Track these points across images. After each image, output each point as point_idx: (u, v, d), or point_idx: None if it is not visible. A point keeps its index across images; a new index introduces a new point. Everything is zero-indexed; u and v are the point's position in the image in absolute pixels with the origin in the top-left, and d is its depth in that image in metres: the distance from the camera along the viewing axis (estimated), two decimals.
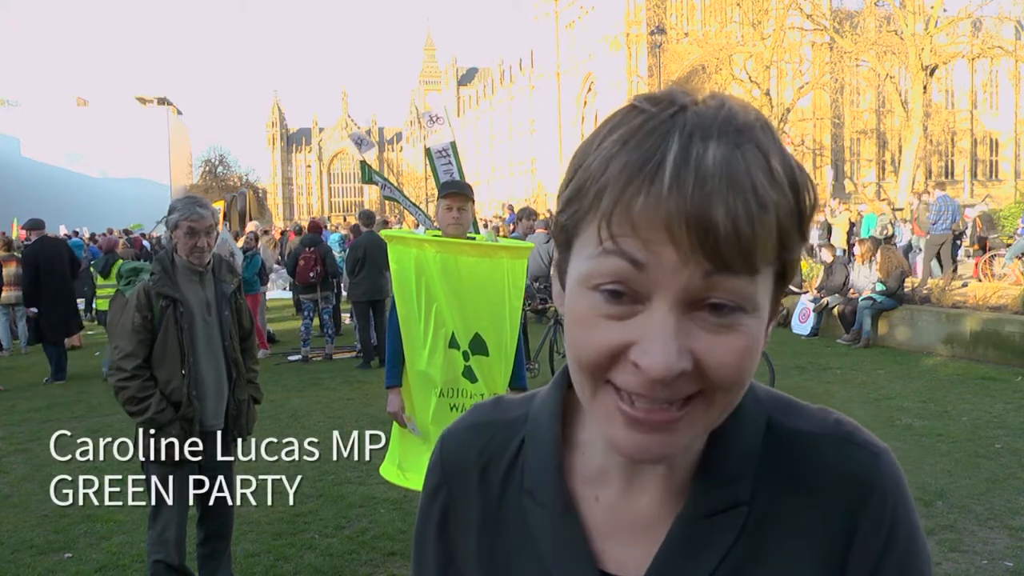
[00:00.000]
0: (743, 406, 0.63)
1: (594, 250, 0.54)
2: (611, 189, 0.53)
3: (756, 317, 0.55)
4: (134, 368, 3.04)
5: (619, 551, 0.64)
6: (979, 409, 6.61)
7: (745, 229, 0.51)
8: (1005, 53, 29.45)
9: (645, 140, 0.53)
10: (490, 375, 3.47)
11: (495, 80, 76.48)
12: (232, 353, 3.29)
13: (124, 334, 3.08)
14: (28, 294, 9.40)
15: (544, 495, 0.67)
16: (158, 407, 3.04)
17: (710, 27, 41.94)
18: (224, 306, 3.27)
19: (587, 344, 0.55)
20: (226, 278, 3.32)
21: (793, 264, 0.57)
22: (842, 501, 0.62)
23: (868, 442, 0.65)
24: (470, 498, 0.71)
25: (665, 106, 0.54)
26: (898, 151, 41.27)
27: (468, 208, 3.58)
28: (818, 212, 5.93)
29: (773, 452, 0.64)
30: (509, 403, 0.74)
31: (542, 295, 8.83)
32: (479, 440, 0.72)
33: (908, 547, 0.63)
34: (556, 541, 0.65)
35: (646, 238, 0.52)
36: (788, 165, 0.55)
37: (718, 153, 0.52)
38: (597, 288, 0.54)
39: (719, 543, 0.62)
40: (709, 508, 0.62)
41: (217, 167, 72.56)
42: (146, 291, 3.08)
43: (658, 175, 0.51)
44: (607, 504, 0.65)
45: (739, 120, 0.54)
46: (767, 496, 0.63)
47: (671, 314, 0.53)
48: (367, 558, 4.05)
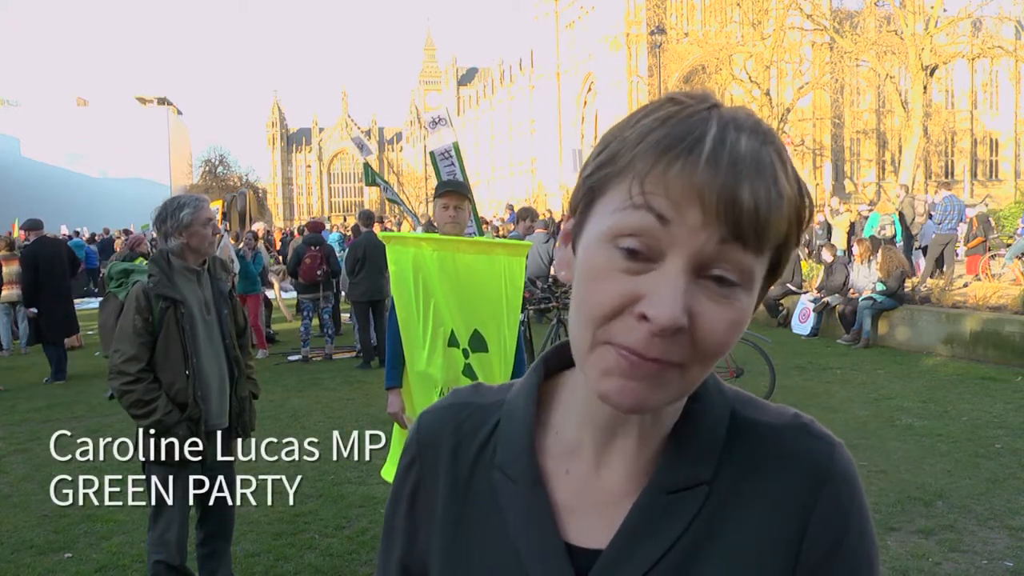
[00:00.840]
0: (709, 396, 0.70)
1: (621, 204, 0.59)
2: (649, 154, 0.58)
3: (750, 296, 0.61)
4: (138, 371, 3.02)
5: (585, 524, 0.68)
6: (979, 409, 6.61)
7: (764, 209, 0.58)
8: (1005, 53, 29.41)
9: (685, 122, 0.59)
10: (491, 372, 3.47)
11: (495, 80, 76.46)
12: (232, 351, 3.29)
13: (125, 337, 3.05)
14: (28, 294, 9.40)
15: (515, 470, 0.70)
16: (165, 410, 3.02)
17: (710, 27, 41.92)
18: (222, 304, 3.27)
19: (598, 294, 0.60)
20: (221, 276, 3.32)
21: (785, 259, 0.63)
22: (799, 485, 0.66)
23: (824, 434, 0.69)
24: (440, 473, 0.74)
25: (701, 100, 0.61)
26: (898, 151, 41.27)
27: (464, 207, 3.59)
28: (818, 212, 5.94)
29: (736, 439, 0.68)
30: (488, 389, 0.78)
31: (543, 294, 8.82)
32: (454, 419, 0.75)
33: (859, 536, 0.67)
34: (523, 514, 0.68)
35: (676, 200, 0.57)
36: (796, 175, 0.62)
37: (749, 144, 0.58)
38: (616, 244, 0.59)
39: (680, 518, 0.65)
40: (672, 485, 0.66)
41: (217, 167, 72.53)
42: (145, 293, 3.06)
43: (696, 148, 0.57)
44: (577, 477, 0.69)
45: (764, 127, 0.61)
46: (728, 477, 0.67)
47: (682, 273, 0.58)
48: (367, 558, 4.05)
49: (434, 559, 0.73)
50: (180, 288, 3.13)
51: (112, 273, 3.55)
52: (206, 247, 3.17)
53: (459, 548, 0.71)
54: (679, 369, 0.60)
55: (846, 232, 15.89)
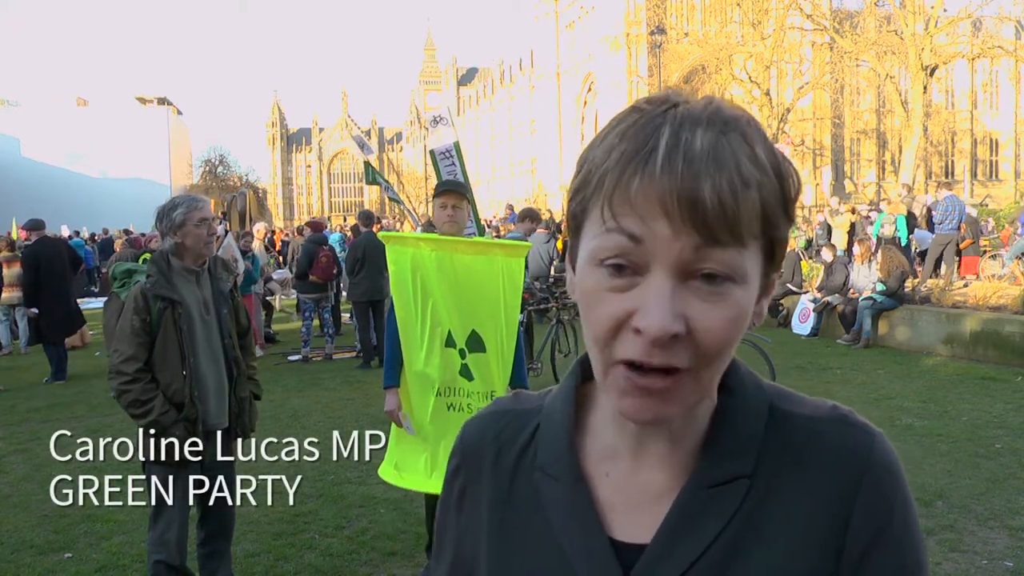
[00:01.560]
0: (746, 391, 0.70)
1: (599, 229, 0.61)
2: (611, 174, 0.60)
3: (745, 288, 0.61)
4: (135, 371, 3.03)
5: (627, 520, 0.69)
6: (979, 409, 6.61)
7: (729, 203, 0.58)
8: (1005, 53, 29.43)
9: (641, 131, 0.60)
10: (487, 372, 3.46)
11: (495, 80, 76.47)
12: (232, 351, 3.29)
13: (123, 337, 3.06)
14: (28, 294, 9.40)
15: (556, 469, 0.71)
16: (161, 409, 3.03)
17: (710, 27, 41.93)
18: (222, 304, 3.26)
19: (596, 317, 0.62)
20: (222, 276, 3.32)
21: (781, 242, 0.64)
22: (840, 477, 0.66)
23: (864, 424, 0.69)
24: (484, 478, 0.76)
25: (659, 104, 0.61)
26: (898, 151, 41.27)
27: (463, 206, 3.59)
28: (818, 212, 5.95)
29: (774, 432, 0.69)
30: (527, 396, 0.81)
31: (543, 294, 8.82)
32: (496, 426, 0.78)
33: (903, 525, 0.67)
34: (567, 511, 0.70)
35: (643, 215, 0.58)
36: (772, 154, 0.61)
37: (705, 139, 0.59)
38: (602, 263, 0.61)
39: (721, 512, 0.66)
40: (712, 479, 0.67)
41: (217, 167, 72.51)
42: (143, 293, 3.06)
43: (651, 158, 0.58)
44: (617, 479, 0.70)
45: (726, 114, 0.61)
46: (768, 471, 0.67)
47: (667, 281, 0.59)
48: (367, 558, 4.05)
49: (481, 562, 0.75)
50: (178, 288, 3.12)
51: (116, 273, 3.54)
52: (201, 247, 3.15)
53: (505, 551, 0.73)
54: (689, 375, 0.61)
55: (846, 232, 15.90)
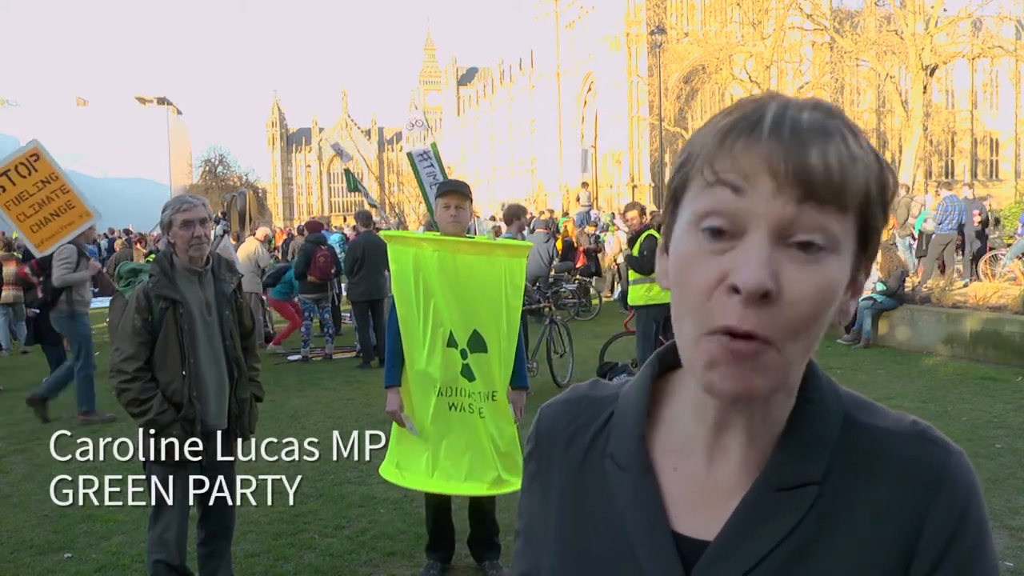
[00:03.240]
0: (823, 397, 0.70)
1: (700, 189, 0.62)
2: (714, 140, 0.61)
3: (839, 260, 0.61)
4: (135, 370, 3.04)
5: (692, 516, 0.69)
6: (979, 409, 6.61)
7: (836, 169, 0.59)
8: (1005, 53, 29.41)
9: (744, 108, 0.62)
10: (489, 373, 3.46)
11: (495, 80, 76.44)
12: (233, 352, 3.29)
13: (124, 336, 3.08)
14: (44, 292, 9.36)
15: (625, 458, 0.72)
16: (159, 408, 3.04)
17: (710, 27, 41.90)
18: (224, 305, 3.27)
19: (691, 280, 0.62)
20: (226, 277, 3.31)
21: (875, 236, 0.64)
22: (913, 492, 0.65)
23: (942, 440, 0.68)
24: (555, 465, 0.77)
25: (767, 95, 0.64)
26: (898, 151, 41.23)
27: (466, 207, 3.59)
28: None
29: (848, 442, 0.68)
30: (604, 385, 0.81)
31: (537, 295, 8.81)
32: (570, 412, 0.79)
33: (975, 544, 0.65)
34: (633, 501, 0.70)
35: (746, 173, 0.59)
36: (871, 148, 0.63)
37: (812, 116, 0.60)
38: (699, 227, 0.61)
39: (788, 516, 0.65)
40: (781, 482, 0.66)
41: (217, 167, 72.45)
42: (145, 293, 3.08)
43: (758, 126, 0.60)
44: (685, 474, 0.70)
45: (828, 105, 0.63)
46: (839, 480, 0.66)
47: (765, 241, 0.59)
48: (367, 558, 4.05)
49: (549, 543, 0.76)
50: (180, 288, 3.13)
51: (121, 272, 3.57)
52: (188, 249, 3.15)
53: (571, 532, 0.74)
54: (774, 349, 0.60)
55: None
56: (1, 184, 5.86)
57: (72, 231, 6.19)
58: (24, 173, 5.91)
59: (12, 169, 5.88)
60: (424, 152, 7.65)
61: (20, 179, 5.91)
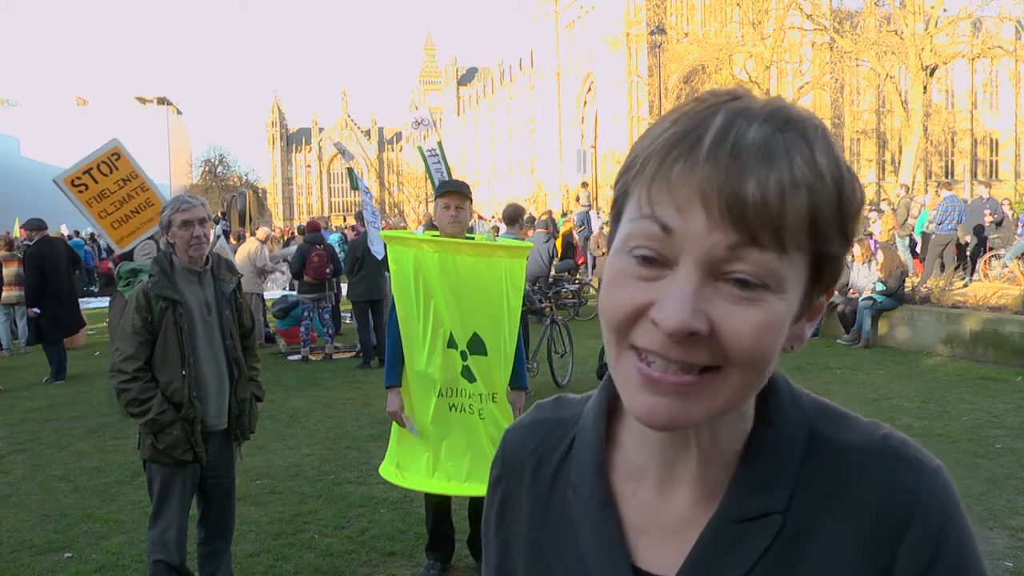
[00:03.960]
0: (783, 416, 0.64)
1: (635, 214, 0.58)
2: (654, 158, 0.57)
3: (782, 299, 0.56)
4: (135, 370, 3.04)
5: (653, 548, 0.66)
6: (979, 409, 6.61)
7: (774, 202, 0.53)
8: (1005, 53, 29.41)
9: (693, 118, 0.56)
10: (489, 375, 3.46)
11: (495, 80, 76.43)
12: (233, 352, 3.28)
13: (124, 336, 3.07)
14: (32, 295, 9.38)
15: (585, 490, 0.69)
16: (159, 408, 3.04)
17: (710, 27, 41.92)
18: (224, 305, 3.26)
19: (615, 302, 0.58)
20: (225, 277, 3.31)
21: (832, 261, 0.58)
22: (884, 521, 0.60)
23: (915, 458, 0.63)
24: (523, 490, 0.75)
25: (721, 95, 0.58)
26: (898, 151, 41.25)
27: (466, 207, 3.58)
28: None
29: (814, 463, 0.63)
30: (568, 402, 0.78)
31: (538, 296, 8.81)
32: (536, 436, 0.76)
33: (956, 567, 0.60)
34: (594, 535, 0.68)
35: (680, 203, 0.55)
36: (835, 162, 0.57)
37: (759, 132, 0.54)
38: (631, 252, 0.58)
39: (750, 550, 0.61)
40: (741, 514, 0.62)
41: (217, 167, 72.49)
42: (145, 293, 3.07)
43: (697, 145, 0.55)
44: (644, 500, 0.67)
45: (789, 113, 0.57)
46: (805, 507, 0.62)
47: (693, 276, 0.55)
48: (367, 558, 4.05)
49: (519, 572, 0.74)
50: (180, 288, 3.13)
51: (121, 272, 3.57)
52: (186, 249, 3.15)
53: (539, 565, 0.71)
54: (717, 374, 0.56)
55: None
56: (84, 182, 6.16)
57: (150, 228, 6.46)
58: (106, 172, 6.19)
59: (94, 167, 6.18)
60: (432, 149, 7.65)
61: (102, 177, 6.18)
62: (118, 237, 6.27)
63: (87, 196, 6.14)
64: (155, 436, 3.05)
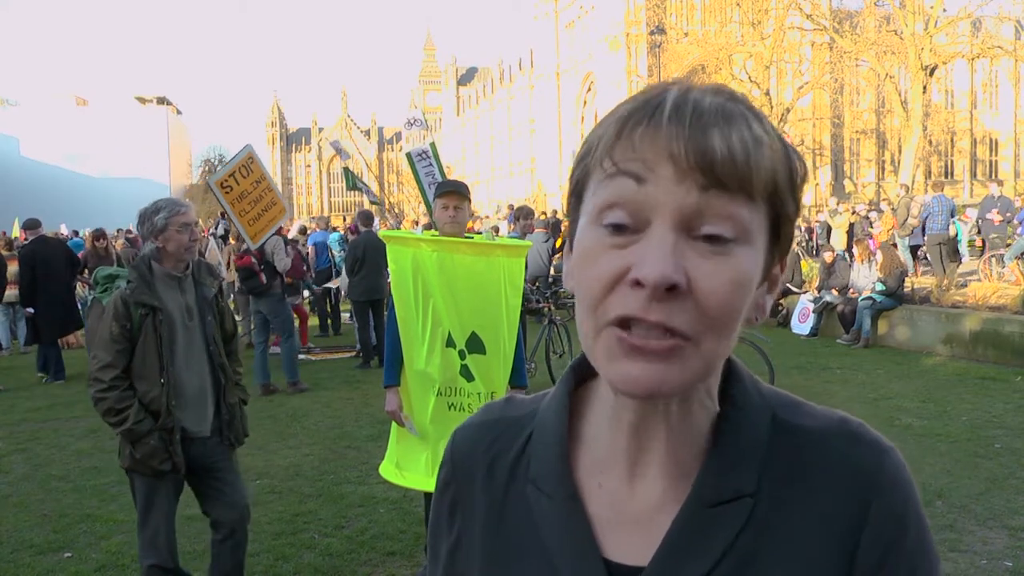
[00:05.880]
0: (748, 400, 0.66)
1: (599, 183, 0.59)
2: (613, 128, 0.58)
3: (751, 251, 0.58)
4: (112, 379, 2.95)
5: (623, 540, 0.65)
6: (979, 409, 6.62)
7: (740, 154, 0.56)
8: (1005, 53, 29.40)
9: (645, 94, 0.59)
10: (488, 374, 3.46)
11: (495, 80, 76.43)
12: (218, 358, 3.19)
13: (102, 344, 2.97)
14: (25, 294, 9.39)
15: (549, 484, 0.68)
16: (136, 418, 2.95)
17: (710, 27, 41.90)
18: (207, 311, 3.17)
19: (591, 275, 0.58)
20: (206, 281, 3.22)
21: (787, 224, 0.61)
22: (849, 497, 0.63)
23: (874, 440, 0.65)
24: (476, 493, 0.73)
25: (665, 83, 0.61)
26: (898, 151, 41.24)
27: (464, 207, 3.58)
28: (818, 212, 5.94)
29: (778, 447, 0.65)
30: (519, 402, 0.77)
31: (536, 296, 8.81)
32: (487, 436, 0.74)
33: (917, 544, 0.63)
34: (560, 530, 0.66)
35: (646, 160, 0.56)
36: (776, 132, 0.60)
37: (714, 100, 0.58)
38: (601, 223, 0.58)
39: (723, 534, 0.62)
40: (712, 498, 0.63)
41: (217, 167, 72.53)
42: (123, 300, 2.98)
43: (658, 110, 0.57)
44: (610, 491, 0.66)
45: (732, 91, 0.60)
46: (772, 489, 0.63)
47: (669, 232, 0.56)
48: (366, 558, 4.05)
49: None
50: (160, 294, 3.04)
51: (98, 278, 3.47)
52: (183, 252, 3.08)
53: (499, 567, 0.69)
54: (690, 344, 0.57)
55: (845, 232, 15.93)
56: (229, 184, 6.83)
57: (274, 225, 7.26)
58: (244, 175, 6.89)
59: (236, 171, 6.86)
60: (423, 152, 7.65)
61: (242, 179, 6.87)
62: (252, 234, 7.01)
63: (231, 197, 6.78)
64: (133, 445, 2.97)
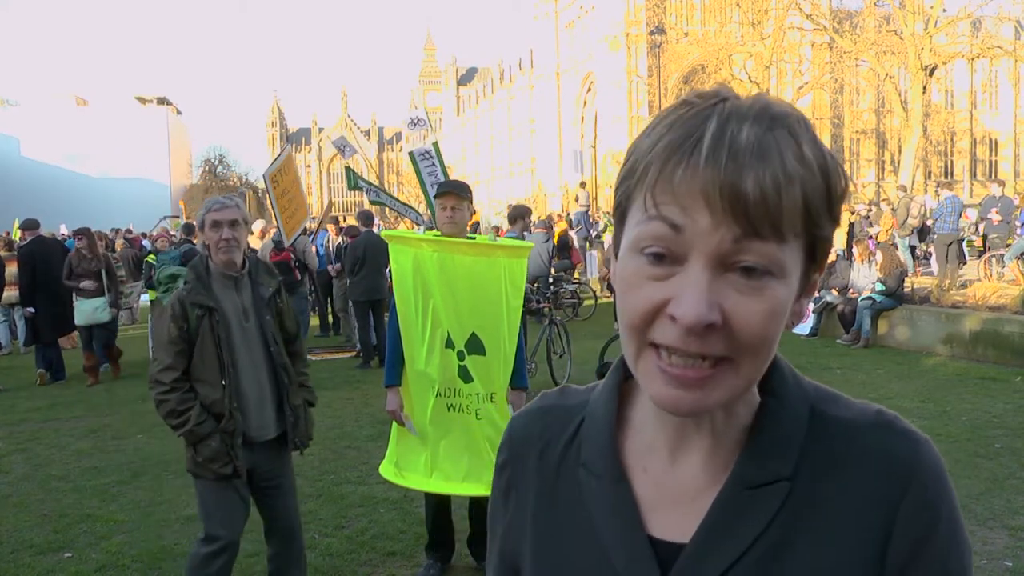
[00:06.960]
0: (788, 391, 0.70)
1: (641, 217, 0.62)
2: (655, 163, 0.61)
3: (784, 284, 0.61)
4: (172, 381, 2.92)
5: (667, 519, 0.69)
6: (979, 409, 6.62)
7: (772, 196, 0.58)
8: (1005, 53, 29.37)
9: (688, 123, 0.61)
10: (487, 375, 3.45)
11: (495, 80, 76.41)
12: (280, 359, 3.12)
13: (161, 346, 2.96)
14: (25, 294, 9.38)
15: (599, 467, 0.73)
16: (198, 419, 2.91)
17: (710, 27, 41.94)
18: (264, 311, 3.10)
19: (633, 303, 0.62)
20: (264, 280, 3.15)
21: (824, 243, 0.64)
22: (884, 485, 0.66)
23: (909, 430, 0.68)
24: (530, 475, 0.78)
25: (709, 98, 0.62)
26: (898, 151, 41.25)
27: (463, 207, 3.57)
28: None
29: (816, 436, 0.68)
30: (573, 391, 0.82)
31: (536, 296, 8.81)
32: (541, 422, 0.80)
33: (949, 533, 0.66)
34: (609, 509, 0.71)
35: (684, 204, 0.59)
36: (819, 152, 0.62)
37: (751, 133, 0.59)
38: (642, 251, 0.62)
39: (761, 514, 0.66)
40: (751, 480, 0.67)
41: (217, 167, 72.57)
42: (180, 301, 2.94)
43: (696, 149, 0.59)
44: (654, 475, 0.71)
45: (774, 110, 0.61)
46: (809, 475, 0.67)
47: (704, 272, 0.59)
48: (367, 558, 4.05)
49: (527, 554, 0.77)
50: (216, 295, 2.99)
51: (160, 278, 3.42)
52: (216, 251, 3.01)
53: (550, 544, 0.75)
54: (729, 364, 0.61)
55: (845, 232, 15.91)
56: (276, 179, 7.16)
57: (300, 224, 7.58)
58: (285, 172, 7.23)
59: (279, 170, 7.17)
60: (426, 151, 7.65)
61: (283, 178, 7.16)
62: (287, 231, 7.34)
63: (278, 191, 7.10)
64: (195, 448, 2.93)
